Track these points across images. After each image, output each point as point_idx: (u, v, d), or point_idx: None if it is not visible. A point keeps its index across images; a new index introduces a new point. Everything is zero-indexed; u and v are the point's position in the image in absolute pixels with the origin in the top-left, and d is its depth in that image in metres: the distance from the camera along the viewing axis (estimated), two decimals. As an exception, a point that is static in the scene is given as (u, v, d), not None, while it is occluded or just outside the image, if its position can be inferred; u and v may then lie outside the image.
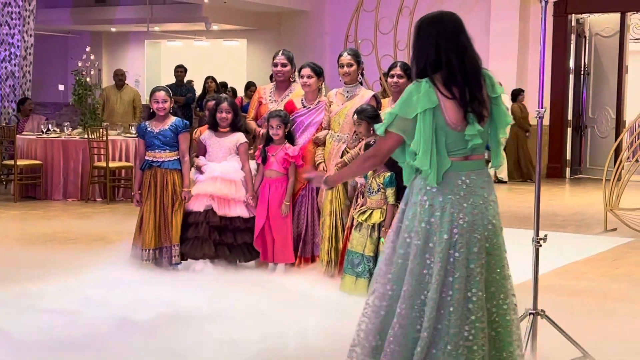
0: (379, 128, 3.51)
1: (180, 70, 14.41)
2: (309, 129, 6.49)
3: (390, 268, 3.51)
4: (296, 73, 6.72)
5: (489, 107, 3.51)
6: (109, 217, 9.77)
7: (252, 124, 6.80)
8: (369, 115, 5.88)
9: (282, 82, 6.73)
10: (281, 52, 6.73)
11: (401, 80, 6.03)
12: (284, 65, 6.67)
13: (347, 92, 6.28)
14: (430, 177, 3.42)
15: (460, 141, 3.44)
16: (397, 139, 3.48)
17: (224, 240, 6.40)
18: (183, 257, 6.43)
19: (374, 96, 6.27)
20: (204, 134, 6.61)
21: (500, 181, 13.78)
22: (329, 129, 6.32)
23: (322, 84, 6.54)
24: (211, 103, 6.77)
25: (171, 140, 6.44)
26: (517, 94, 14.38)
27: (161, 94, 6.42)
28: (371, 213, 5.73)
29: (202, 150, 6.61)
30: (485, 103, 3.46)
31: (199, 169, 6.52)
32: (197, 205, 6.41)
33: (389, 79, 6.18)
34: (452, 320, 3.38)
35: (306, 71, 6.42)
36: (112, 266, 6.32)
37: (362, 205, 5.81)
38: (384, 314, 3.50)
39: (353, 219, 5.85)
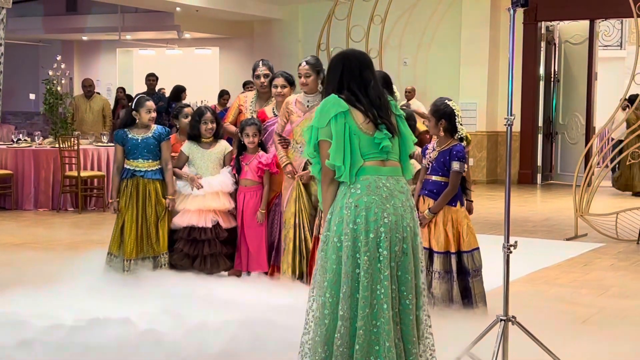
0: (308, 148, 3.76)
1: (152, 79, 14.35)
2: (280, 137, 6.48)
3: (325, 276, 3.65)
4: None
5: (397, 125, 3.81)
6: (80, 226, 9.72)
7: (232, 128, 6.78)
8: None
9: (264, 93, 6.75)
10: (262, 62, 6.74)
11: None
12: (266, 76, 6.68)
13: (308, 101, 6.16)
14: (344, 175, 3.65)
15: (372, 145, 3.70)
16: (329, 144, 3.70)
17: (227, 252, 6.47)
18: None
19: None
20: (185, 146, 6.54)
21: None
22: (280, 135, 6.25)
23: (293, 93, 6.54)
24: (188, 110, 6.76)
25: (155, 148, 6.37)
26: (634, 100, 12.15)
27: (152, 103, 6.41)
28: None
29: (182, 161, 6.55)
30: (394, 126, 3.77)
31: (192, 181, 6.43)
32: (203, 221, 6.37)
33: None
34: (387, 316, 3.55)
35: (280, 81, 6.42)
36: (85, 275, 6.27)
37: None
38: (328, 322, 3.61)
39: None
